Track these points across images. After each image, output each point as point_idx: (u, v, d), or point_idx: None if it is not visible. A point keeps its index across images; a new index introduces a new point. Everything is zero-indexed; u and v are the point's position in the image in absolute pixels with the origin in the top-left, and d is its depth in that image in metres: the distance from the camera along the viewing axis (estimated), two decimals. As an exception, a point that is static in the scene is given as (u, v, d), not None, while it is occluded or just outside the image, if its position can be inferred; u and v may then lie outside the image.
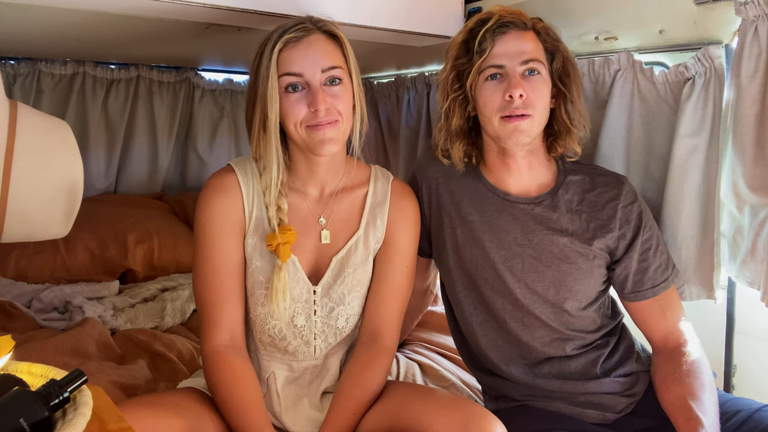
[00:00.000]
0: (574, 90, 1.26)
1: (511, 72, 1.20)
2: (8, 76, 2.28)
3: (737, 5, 1.20)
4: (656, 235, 1.29)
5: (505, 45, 1.21)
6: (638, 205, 1.28)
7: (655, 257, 1.27)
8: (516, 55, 1.20)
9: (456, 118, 1.28)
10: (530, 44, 1.22)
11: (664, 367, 1.24)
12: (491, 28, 1.21)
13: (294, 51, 1.13)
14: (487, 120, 1.24)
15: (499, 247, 1.28)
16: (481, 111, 1.25)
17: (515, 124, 1.19)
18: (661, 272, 1.27)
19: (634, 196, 1.29)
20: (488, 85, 1.22)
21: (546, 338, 1.28)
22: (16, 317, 1.83)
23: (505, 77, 1.20)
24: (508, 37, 1.21)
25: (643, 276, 1.27)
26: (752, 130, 1.23)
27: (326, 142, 1.14)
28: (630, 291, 1.28)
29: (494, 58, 1.20)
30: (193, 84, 2.71)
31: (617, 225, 1.26)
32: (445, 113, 1.30)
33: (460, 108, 1.28)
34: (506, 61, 1.20)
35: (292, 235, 1.18)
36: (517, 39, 1.21)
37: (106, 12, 1.37)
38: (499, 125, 1.21)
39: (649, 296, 1.27)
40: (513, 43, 1.21)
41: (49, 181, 0.95)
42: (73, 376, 0.69)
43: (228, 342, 1.19)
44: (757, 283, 1.26)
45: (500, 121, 1.21)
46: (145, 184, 2.70)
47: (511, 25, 1.21)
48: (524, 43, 1.21)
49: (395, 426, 1.11)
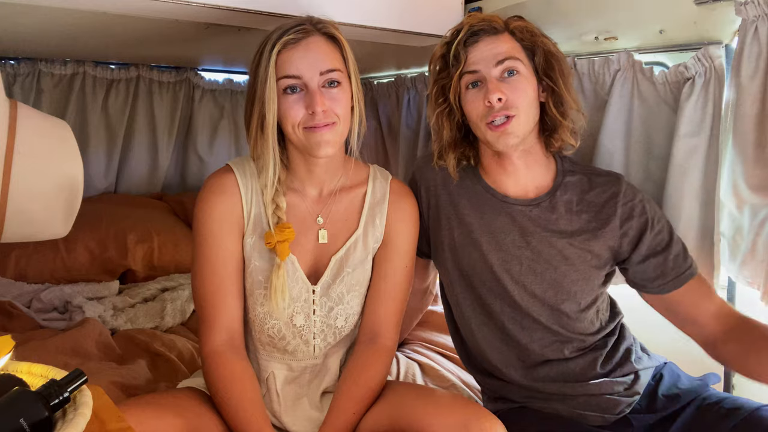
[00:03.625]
0: (561, 82, 1.25)
1: (487, 77, 1.21)
2: (8, 76, 2.28)
3: (737, 5, 1.20)
4: (668, 226, 1.27)
5: (479, 52, 1.22)
6: (640, 200, 1.27)
7: (671, 246, 1.25)
8: (490, 59, 1.21)
9: (446, 130, 1.30)
10: (504, 46, 1.22)
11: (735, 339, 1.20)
12: (462, 39, 1.23)
13: (293, 53, 1.13)
14: (476, 127, 1.26)
15: (497, 249, 1.28)
16: (469, 119, 1.26)
17: (501, 130, 1.20)
18: (682, 259, 1.25)
19: (634, 192, 1.28)
20: (470, 93, 1.24)
21: (545, 341, 1.28)
22: (16, 317, 1.83)
23: (483, 83, 1.22)
24: (481, 44, 1.22)
25: (664, 267, 1.24)
26: (752, 130, 1.23)
27: (323, 144, 1.14)
28: (656, 285, 1.26)
29: (469, 65, 1.22)
30: (193, 84, 2.71)
31: (618, 223, 1.26)
32: (434, 128, 1.32)
33: (448, 120, 1.29)
34: (481, 66, 1.21)
35: (291, 233, 1.18)
36: (489, 44, 1.22)
37: (106, 12, 1.37)
38: (486, 131, 1.22)
39: (678, 285, 1.24)
40: (485, 49, 1.22)
41: (49, 181, 0.95)
42: (73, 376, 0.69)
43: (227, 342, 1.19)
44: (757, 283, 1.26)
45: (486, 127, 1.22)
46: (145, 184, 2.70)
47: (481, 33, 1.22)
48: (497, 46, 1.22)
49: (395, 426, 1.11)
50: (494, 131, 1.21)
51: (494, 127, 1.21)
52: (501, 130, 1.20)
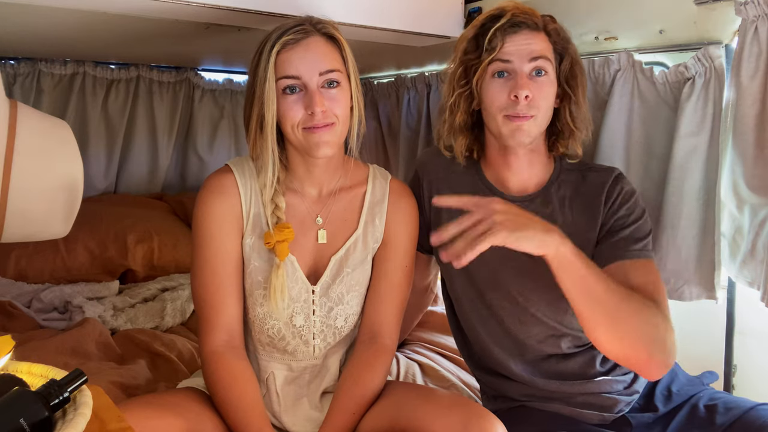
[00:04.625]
0: (579, 93, 1.26)
1: (518, 70, 1.19)
2: (8, 76, 2.28)
3: (737, 5, 1.20)
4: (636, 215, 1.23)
5: (515, 44, 1.20)
6: (624, 186, 1.24)
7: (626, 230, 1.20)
8: (525, 54, 1.19)
9: (460, 113, 1.28)
10: (540, 44, 1.21)
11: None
12: (503, 26, 1.20)
13: (292, 53, 1.13)
14: (491, 117, 1.24)
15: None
16: (486, 108, 1.25)
17: (518, 123, 1.19)
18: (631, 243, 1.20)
19: (623, 180, 1.26)
20: (495, 82, 1.22)
21: (541, 335, 1.28)
22: (16, 317, 1.83)
23: (512, 76, 1.20)
24: (519, 36, 1.20)
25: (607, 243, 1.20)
26: (752, 130, 1.23)
27: (322, 145, 1.14)
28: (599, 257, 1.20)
29: (503, 54, 1.20)
30: (193, 84, 2.71)
31: (602, 206, 1.24)
32: (450, 108, 1.30)
33: (465, 103, 1.27)
34: (515, 58, 1.19)
35: (290, 233, 1.18)
36: (528, 38, 1.20)
37: (106, 12, 1.37)
38: (503, 123, 1.21)
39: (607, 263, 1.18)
40: (523, 42, 1.20)
41: (49, 181, 0.95)
42: (73, 376, 0.69)
43: (226, 343, 1.19)
44: (757, 283, 1.26)
45: (504, 119, 1.21)
46: (145, 184, 2.70)
47: (522, 25, 1.20)
48: (534, 43, 1.20)
49: (395, 426, 1.11)
50: (512, 122, 1.19)
51: (513, 119, 1.19)
52: (518, 123, 1.19)
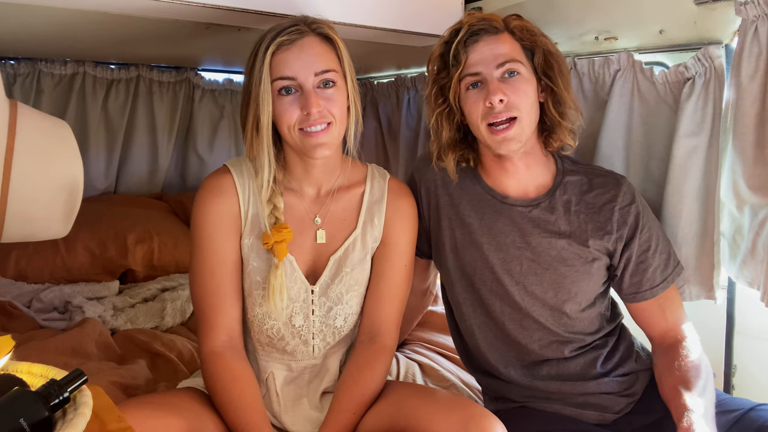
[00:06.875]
0: (560, 82, 1.25)
1: (488, 78, 1.20)
2: (8, 76, 2.28)
3: (737, 5, 1.20)
4: (656, 236, 1.28)
5: (479, 53, 1.21)
6: (636, 207, 1.27)
7: (654, 258, 1.26)
8: (491, 60, 1.20)
9: (445, 131, 1.28)
10: (505, 46, 1.21)
11: (662, 361, 1.25)
12: (463, 39, 1.21)
13: (287, 54, 1.13)
14: (475, 128, 1.24)
15: (497, 249, 1.28)
16: (469, 121, 1.25)
17: (503, 135, 1.20)
18: (660, 272, 1.27)
19: (632, 197, 1.28)
20: (470, 94, 1.23)
21: (544, 341, 1.28)
22: (16, 317, 1.83)
23: (484, 84, 1.21)
24: (481, 44, 1.21)
25: (641, 277, 1.27)
26: (752, 130, 1.23)
27: (319, 146, 1.14)
28: (629, 292, 1.28)
29: (470, 67, 1.21)
30: (193, 84, 2.70)
31: (614, 227, 1.26)
32: (433, 128, 1.31)
33: (447, 121, 1.28)
34: (482, 68, 1.20)
35: (288, 233, 1.18)
36: (490, 44, 1.21)
37: (107, 12, 1.37)
38: (487, 134, 1.22)
39: (647, 297, 1.27)
40: (486, 49, 1.21)
41: (49, 181, 0.95)
42: (73, 376, 0.69)
43: (226, 343, 1.19)
44: (757, 283, 1.26)
45: (487, 129, 1.21)
46: (145, 184, 2.70)
47: (482, 32, 1.21)
48: (498, 47, 1.21)
49: (395, 426, 1.11)
50: (496, 135, 1.20)
51: (496, 131, 1.20)
52: (503, 135, 1.19)
